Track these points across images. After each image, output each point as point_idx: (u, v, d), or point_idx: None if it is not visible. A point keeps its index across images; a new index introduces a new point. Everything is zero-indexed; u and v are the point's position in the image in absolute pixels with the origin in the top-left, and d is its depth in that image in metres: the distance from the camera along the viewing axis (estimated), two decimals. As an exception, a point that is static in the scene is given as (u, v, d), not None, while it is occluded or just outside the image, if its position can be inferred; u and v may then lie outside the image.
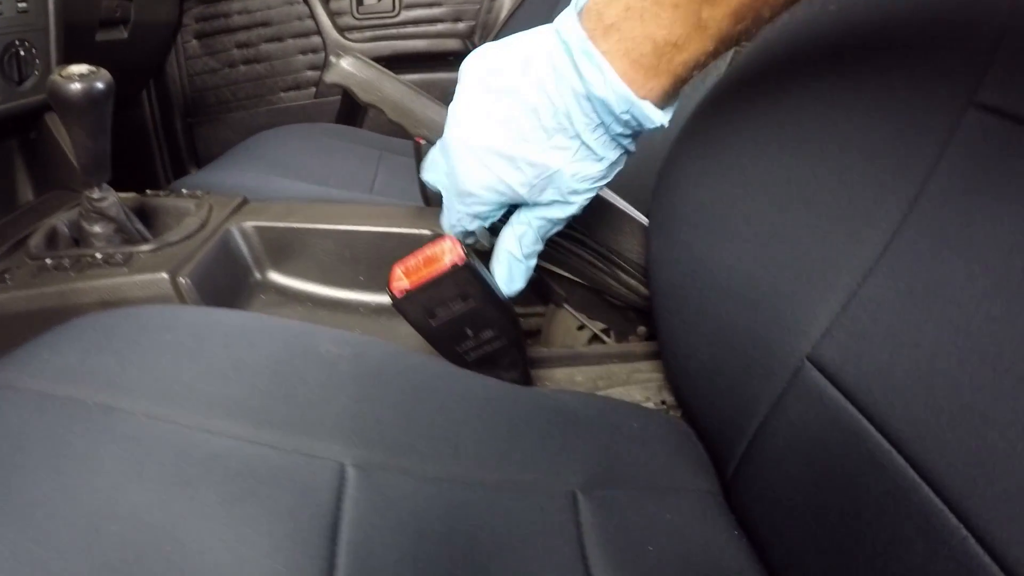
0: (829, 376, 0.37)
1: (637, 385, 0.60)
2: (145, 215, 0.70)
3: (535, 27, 0.44)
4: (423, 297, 0.48)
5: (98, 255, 0.60)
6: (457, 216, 0.49)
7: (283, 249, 0.67)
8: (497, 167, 0.44)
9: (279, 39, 1.61)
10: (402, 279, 0.48)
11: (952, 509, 0.29)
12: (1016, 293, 0.29)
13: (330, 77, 0.61)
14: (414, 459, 0.39)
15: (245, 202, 0.72)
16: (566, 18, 0.41)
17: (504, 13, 1.58)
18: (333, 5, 1.60)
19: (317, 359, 0.42)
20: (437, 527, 0.35)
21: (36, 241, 0.63)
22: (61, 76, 0.56)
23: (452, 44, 1.64)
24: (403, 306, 0.49)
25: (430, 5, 1.62)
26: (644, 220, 0.61)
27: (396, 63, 1.59)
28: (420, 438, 0.40)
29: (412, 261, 0.48)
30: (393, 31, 1.62)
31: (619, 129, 0.42)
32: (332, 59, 0.62)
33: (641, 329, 0.66)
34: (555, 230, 0.49)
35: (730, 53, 0.44)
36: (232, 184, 0.91)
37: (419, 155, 0.72)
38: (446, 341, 0.52)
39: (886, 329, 0.34)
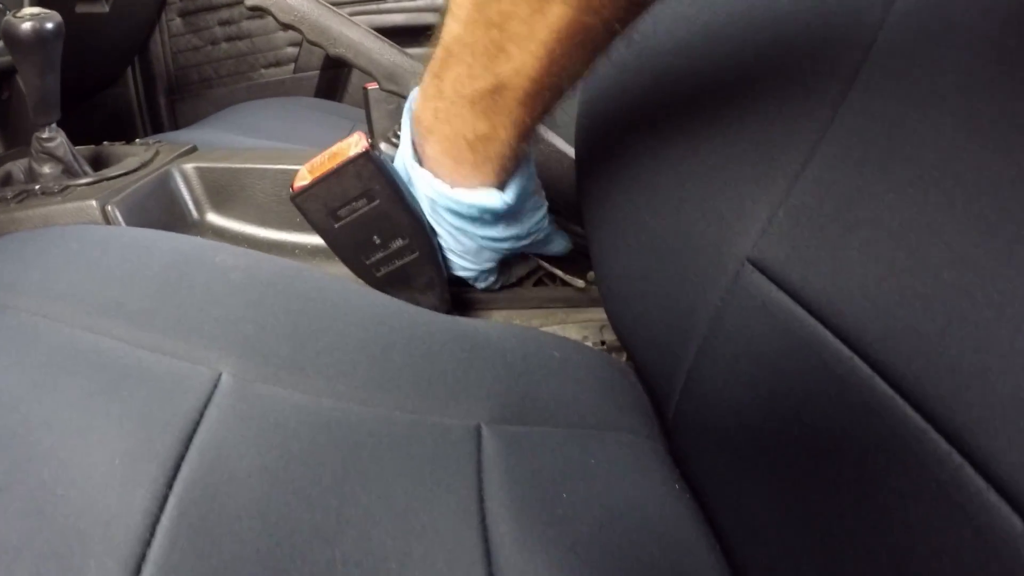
0: (772, 277, 0.34)
1: (575, 325, 0.57)
2: (99, 163, 0.71)
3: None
4: (324, 192, 0.46)
5: (37, 187, 0.61)
6: None
7: (222, 191, 0.66)
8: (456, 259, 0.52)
9: (260, 16, 1.59)
10: (305, 174, 0.46)
11: (933, 423, 0.24)
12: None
13: (250, 1, 0.62)
14: (296, 375, 0.37)
15: (194, 149, 0.72)
16: (404, 140, 0.46)
17: (483, -14, 1.58)
18: None
19: (210, 268, 0.41)
20: (306, 445, 0.33)
21: (-11, 182, 0.64)
22: (15, 17, 0.58)
23: (430, 18, 1.63)
24: (303, 204, 0.46)
25: (407, -22, 1.62)
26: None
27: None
28: (308, 354, 0.38)
29: (318, 158, 0.46)
30: (371, 5, 1.62)
31: (479, 216, 0.45)
32: None
33: (591, 275, 0.64)
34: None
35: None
36: (190, 139, 0.91)
37: (367, 100, 0.72)
38: (352, 249, 0.49)
39: (832, 217, 0.31)
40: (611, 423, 0.42)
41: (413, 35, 1.63)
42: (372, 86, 0.69)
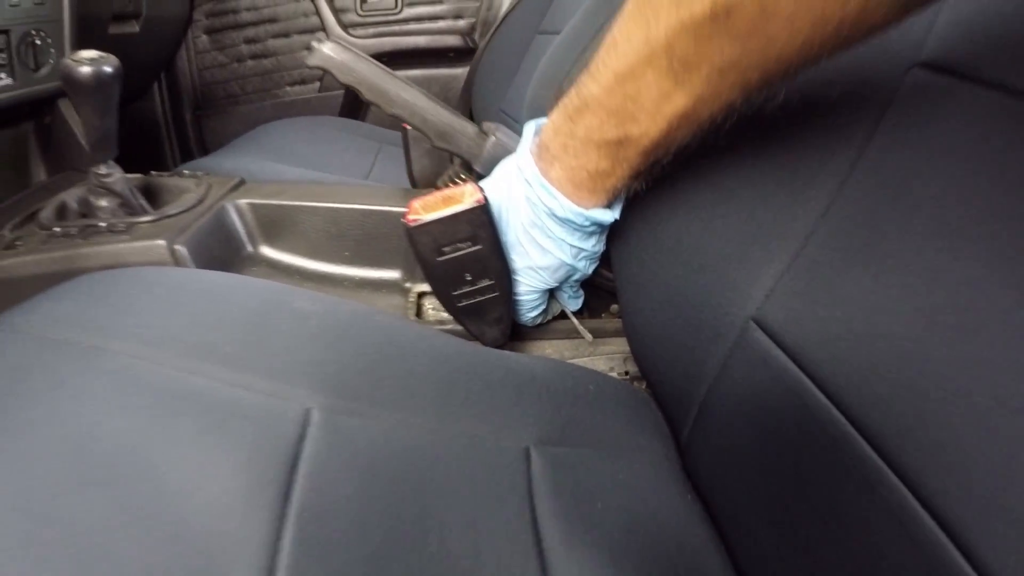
0: (772, 336, 0.40)
1: (602, 357, 0.64)
2: (149, 193, 0.75)
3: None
4: (436, 230, 0.52)
5: (102, 224, 0.65)
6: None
7: (274, 225, 0.71)
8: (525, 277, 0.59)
9: (285, 35, 1.66)
10: (419, 212, 0.52)
11: (888, 463, 0.31)
12: (951, 243, 0.31)
13: (312, 61, 0.66)
14: (374, 406, 0.42)
15: (242, 183, 0.77)
16: (525, 159, 0.53)
17: (504, 9, 1.62)
18: (337, 2, 1.65)
19: (291, 313, 0.46)
20: (389, 467, 0.38)
21: (46, 213, 0.68)
22: (73, 60, 0.61)
23: (452, 40, 1.68)
24: (416, 236, 0.53)
25: (432, 3, 1.67)
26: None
27: (398, 59, 1.65)
28: (381, 387, 0.43)
29: (430, 198, 0.53)
30: (395, 27, 1.67)
31: (588, 227, 0.54)
32: (314, 44, 0.66)
33: (614, 307, 0.70)
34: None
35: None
36: (232, 168, 0.96)
37: (407, 140, 0.77)
38: (445, 281, 0.56)
39: (826, 289, 0.37)
40: (635, 445, 0.50)
41: (436, 56, 1.69)
42: (408, 127, 0.74)
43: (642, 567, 0.39)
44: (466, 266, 0.54)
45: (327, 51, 0.65)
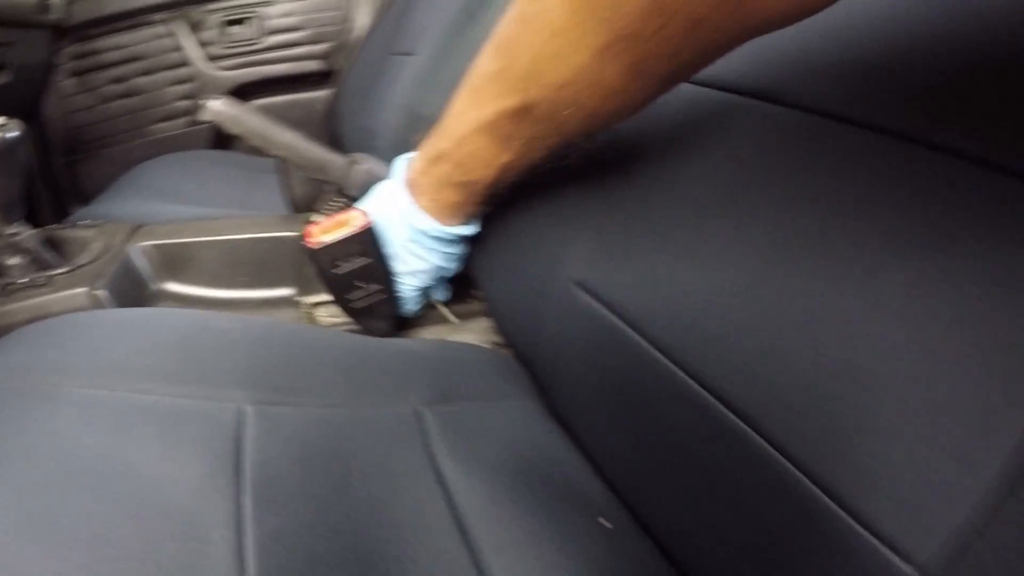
0: (590, 293, 0.54)
1: (471, 333, 0.77)
2: (54, 246, 0.82)
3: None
4: (333, 250, 0.64)
5: (22, 281, 0.72)
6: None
7: (176, 261, 0.79)
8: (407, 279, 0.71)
9: (151, 72, 1.68)
10: (318, 235, 0.64)
11: (697, 380, 0.43)
12: (702, 218, 0.46)
13: (204, 116, 0.77)
14: (295, 396, 0.52)
15: (139, 227, 0.85)
16: (400, 190, 0.65)
17: (360, 33, 1.71)
18: (201, 36, 1.68)
19: (213, 332, 0.55)
20: (315, 440, 0.48)
21: (-39, 280, 0.74)
22: None
23: (313, 65, 1.75)
24: (316, 256, 0.65)
25: (291, 29, 1.72)
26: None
27: (262, 87, 1.71)
28: (298, 380, 0.54)
29: (325, 223, 0.65)
30: (258, 57, 1.72)
31: (454, 240, 0.68)
32: (202, 102, 0.77)
33: (480, 293, 0.83)
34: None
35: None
36: (122, 213, 1.02)
37: (286, 171, 0.87)
38: (340, 289, 0.67)
39: (623, 252, 0.52)
40: (506, 394, 0.62)
41: (298, 81, 1.75)
42: (282, 157, 0.84)
43: (525, 482, 0.50)
44: (358, 276, 0.66)
45: (218, 107, 0.76)
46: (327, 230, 0.65)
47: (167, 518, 0.38)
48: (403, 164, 0.67)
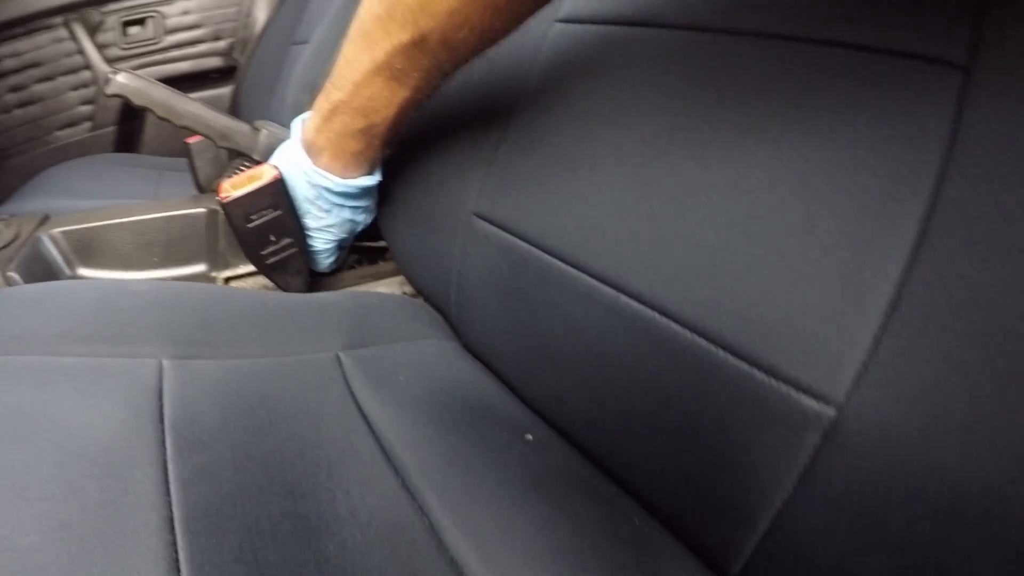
0: (489, 220, 0.58)
1: (383, 285, 0.81)
2: (-41, 242, 0.82)
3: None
4: (246, 202, 0.66)
5: (-66, 269, 0.72)
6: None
7: (87, 247, 0.80)
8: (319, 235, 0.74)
9: (50, 78, 1.64)
10: (229, 190, 0.66)
11: (609, 284, 0.47)
12: (592, 138, 0.52)
13: (109, 89, 0.77)
14: (212, 349, 0.53)
15: (47, 217, 0.85)
16: (298, 152, 0.68)
17: (258, 28, 1.72)
18: (99, 38, 1.66)
19: (128, 294, 0.56)
20: (235, 389, 0.49)
21: None
22: None
23: (214, 62, 1.75)
24: (229, 209, 0.67)
25: (191, 27, 1.72)
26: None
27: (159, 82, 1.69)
28: (214, 334, 0.55)
29: (237, 179, 0.67)
30: (159, 56, 1.71)
31: (359, 192, 0.70)
32: (109, 75, 0.78)
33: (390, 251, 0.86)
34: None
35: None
36: (29, 210, 1.02)
37: (190, 153, 0.88)
38: (254, 244, 0.70)
39: (514, 178, 0.57)
40: (419, 334, 0.65)
41: (200, 79, 1.74)
42: (192, 139, 0.86)
43: (446, 409, 0.53)
44: (271, 229, 0.69)
45: (122, 80, 0.77)
46: (238, 185, 0.67)
47: (89, 461, 0.38)
48: (299, 125, 0.70)
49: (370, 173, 0.69)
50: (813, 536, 0.35)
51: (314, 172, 0.67)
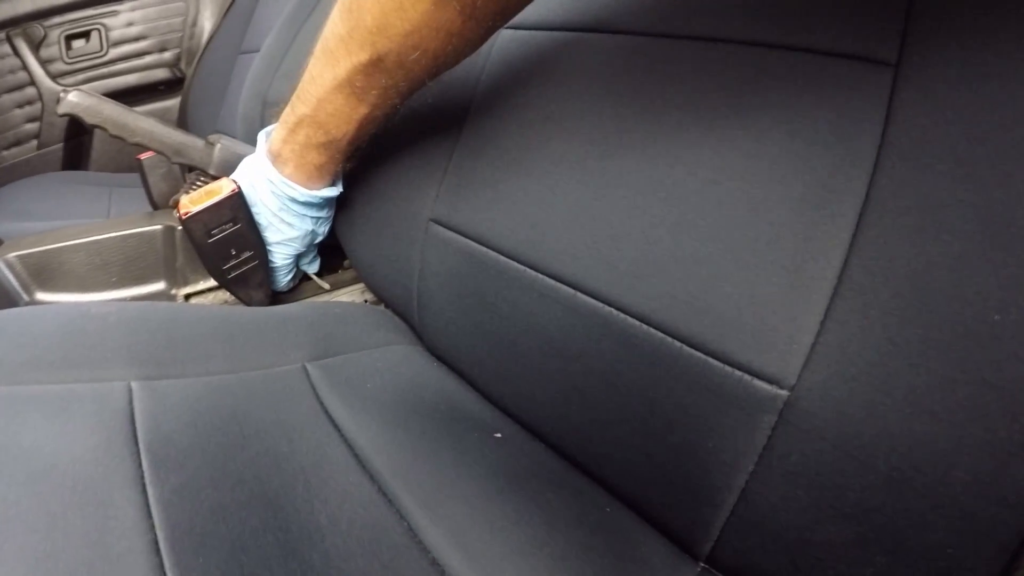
0: (446, 226, 0.60)
1: (345, 294, 0.82)
2: (-91, 271, 0.81)
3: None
4: (206, 217, 0.66)
5: None
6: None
7: (43, 271, 0.78)
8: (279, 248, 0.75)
9: None
10: (188, 205, 0.66)
11: (564, 281, 0.49)
12: (542, 142, 0.53)
13: (61, 109, 0.77)
14: (179, 367, 0.54)
15: (0, 242, 0.84)
16: (264, 162, 0.69)
17: (204, 38, 1.70)
18: (43, 53, 1.64)
19: (91, 317, 0.56)
20: (206, 406, 0.49)
21: None
22: None
23: (161, 74, 1.74)
24: (190, 225, 0.67)
25: (136, 39, 1.71)
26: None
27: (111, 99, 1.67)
28: (181, 352, 0.55)
29: (195, 194, 0.67)
30: (104, 70, 1.69)
31: (321, 203, 0.72)
32: (60, 95, 0.77)
33: (346, 262, 0.87)
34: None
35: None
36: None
37: (143, 170, 0.87)
38: (215, 258, 0.69)
39: (468, 183, 0.58)
40: (384, 341, 0.66)
41: (147, 91, 1.72)
42: (145, 156, 0.85)
43: (414, 413, 0.54)
44: (231, 243, 0.69)
45: (74, 99, 0.76)
46: (197, 200, 0.67)
47: (68, 490, 0.38)
48: (264, 138, 0.71)
49: (332, 185, 0.71)
50: (776, 510, 0.37)
51: (281, 182, 0.68)
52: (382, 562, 0.40)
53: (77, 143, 1.70)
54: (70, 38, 1.67)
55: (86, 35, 1.68)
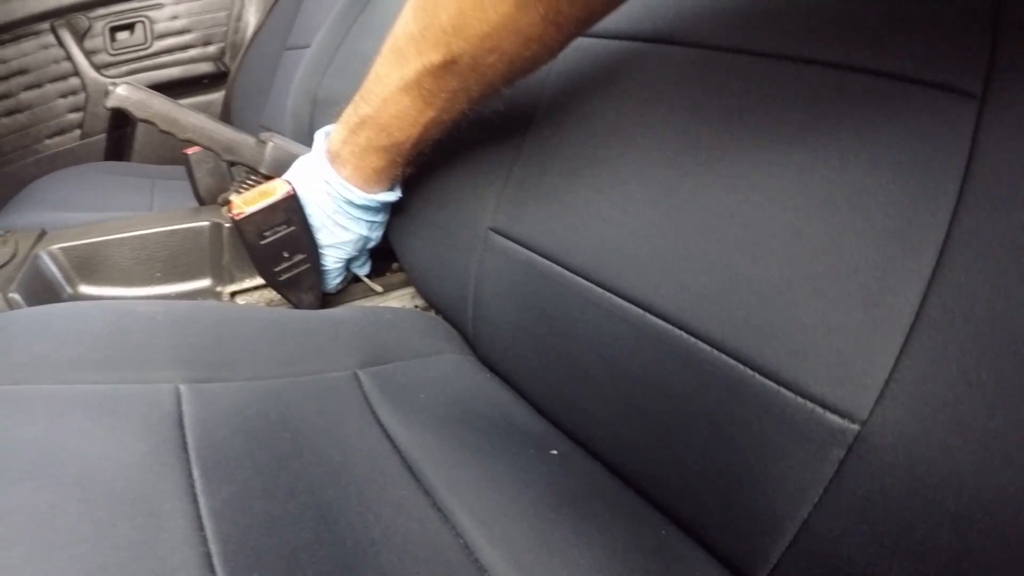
0: (506, 236, 0.58)
1: (395, 301, 0.80)
2: (-46, 260, 0.80)
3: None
4: (259, 219, 0.65)
5: (-71, 289, 0.70)
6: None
7: (87, 264, 0.78)
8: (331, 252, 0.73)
9: (38, 85, 1.63)
10: (242, 206, 0.65)
11: (632, 301, 0.47)
12: (609, 156, 0.52)
13: (109, 102, 0.75)
14: (228, 370, 0.52)
15: (44, 232, 0.83)
16: (321, 162, 0.67)
17: (249, 33, 1.70)
18: (87, 44, 1.64)
19: (138, 316, 0.55)
20: (256, 412, 0.48)
21: None
22: None
23: (205, 67, 1.74)
24: (243, 226, 0.65)
25: (180, 32, 1.71)
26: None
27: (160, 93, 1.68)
28: (229, 355, 0.54)
29: (248, 195, 0.66)
30: (148, 62, 1.70)
31: (378, 207, 0.70)
32: (109, 87, 0.76)
33: (395, 265, 0.85)
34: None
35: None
36: (24, 224, 1.00)
37: (190, 165, 0.86)
38: (267, 260, 0.68)
39: (533, 196, 0.56)
40: (435, 350, 0.65)
41: (191, 84, 1.73)
42: (191, 151, 0.84)
43: (469, 426, 0.53)
44: (284, 245, 0.68)
45: (122, 92, 0.75)
46: (250, 201, 0.66)
47: (116, 497, 0.37)
48: (322, 137, 0.69)
49: (391, 189, 0.70)
50: (838, 543, 0.37)
51: (338, 184, 0.67)
52: (438, 579, 0.39)
53: (120, 134, 1.70)
54: (114, 30, 1.67)
55: (130, 27, 1.68)
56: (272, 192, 0.66)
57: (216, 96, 1.74)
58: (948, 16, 0.36)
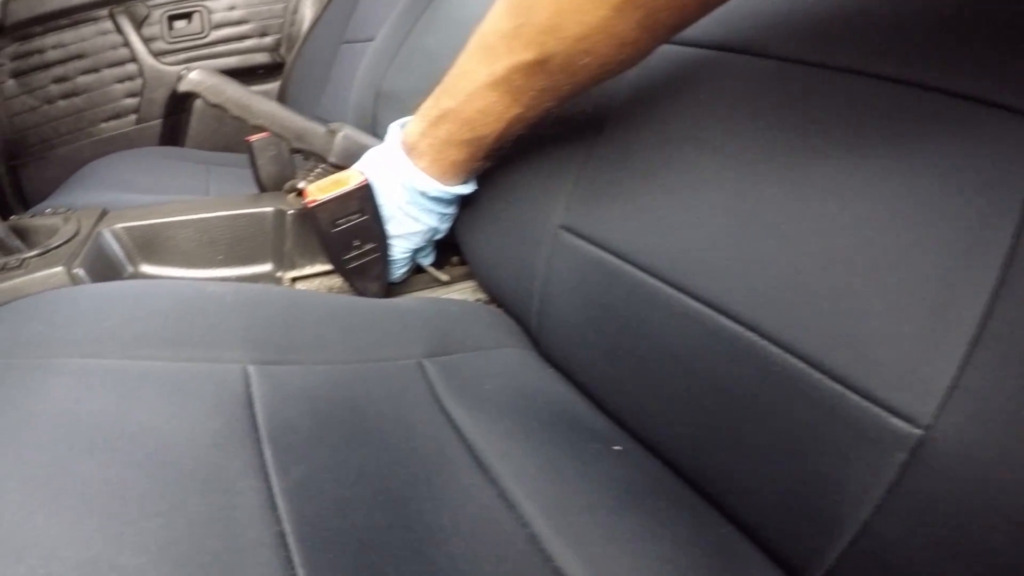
0: (576, 234, 0.58)
1: (458, 293, 0.80)
2: (21, 236, 0.81)
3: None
4: (333, 207, 0.67)
5: (-1, 264, 0.71)
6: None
7: (149, 244, 0.79)
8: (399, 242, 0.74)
9: (95, 70, 1.65)
10: (316, 194, 0.66)
11: (703, 301, 0.47)
12: (678, 159, 0.52)
13: (183, 86, 0.77)
14: (296, 353, 0.53)
15: (106, 212, 0.84)
16: (397, 153, 0.68)
17: (307, 24, 1.71)
18: (145, 31, 1.66)
19: (207, 296, 0.56)
20: (325, 395, 0.49)
21: (-67, 266, 0.73)
22: None
23: (261, 58, 1.75)
24: (317, 213, 0.67)
25: (237, 23, 1.73)
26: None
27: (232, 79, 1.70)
28: (297, 338, 0.55)
29: (322, 183, 0.67)
30: (205, 51, 1.71)
31: (452, 200, 0.71)
32: (182, 72, 0.78)
33: (455, 259, 0.86)
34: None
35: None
36: (84, 204, 1.01)
37: (252, 152, 0.87)
38: (338, 248, 0.70)
39: (606, 195, 0.56)
40: (499, 343, 0.65)
41: (246, 74, 1.74)
42: (255, 138, 0.84)
43: (534, 419, 0.53)
44: (355, 234, 0.69)
45: (196, 77, 0.76)
46: (325, 189, 0.67)
47: (187, 473, 0.37)
48: (397, 129, 0.70)
49: (466, 182, 0.70)
50: (896, 546, 0.37)
51: (414, 175, 0.67)
52: (506, 568, 0.39)
53: (175, 120, 1.71)
54: (172, 18, 1.69)
55: (188, 16, 1.70)
56: (346, 181, 0.67)
57: (271, 87, 1.75)
58: (1021, 41, 0.36)
